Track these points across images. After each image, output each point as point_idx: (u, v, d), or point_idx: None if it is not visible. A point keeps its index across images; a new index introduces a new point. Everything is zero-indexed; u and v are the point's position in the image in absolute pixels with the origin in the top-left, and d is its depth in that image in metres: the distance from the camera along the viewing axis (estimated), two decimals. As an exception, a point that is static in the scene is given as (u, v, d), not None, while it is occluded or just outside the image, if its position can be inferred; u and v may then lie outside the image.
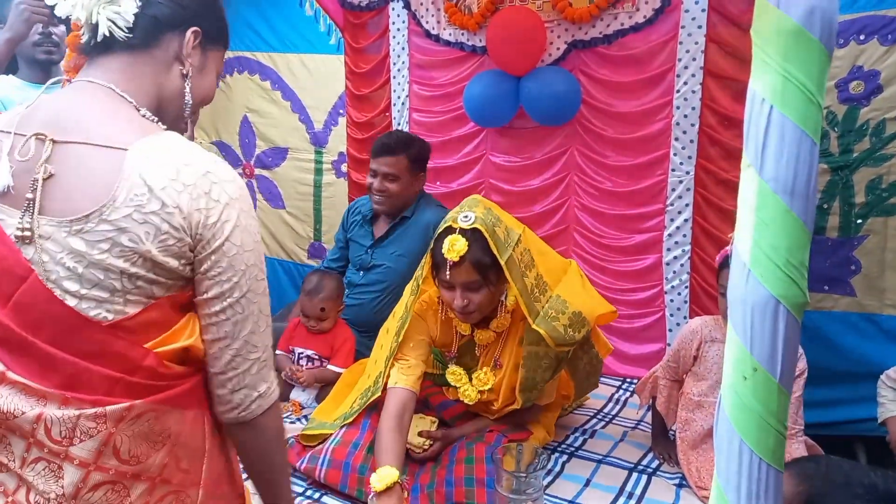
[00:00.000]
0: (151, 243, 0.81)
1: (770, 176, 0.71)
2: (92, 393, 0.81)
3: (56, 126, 0.84)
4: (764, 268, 0.72)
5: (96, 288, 0.81)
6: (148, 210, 0.81)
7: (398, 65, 2.95)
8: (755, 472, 0.74)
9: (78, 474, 0.80)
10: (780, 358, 0.73)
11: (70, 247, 0.80)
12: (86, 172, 0.82)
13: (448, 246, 1.61)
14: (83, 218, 0.80)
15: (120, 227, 0.80)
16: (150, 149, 0.83)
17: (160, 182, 0.81)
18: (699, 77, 2.35)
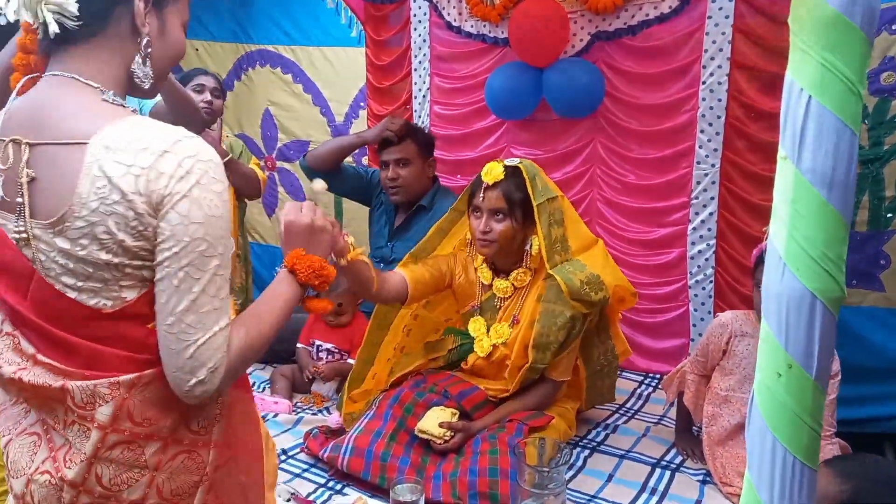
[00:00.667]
0: (123, 232, 0.83)
1: (807, 167, 0.69)
2: (108, 371, 0.89)
3: (30, 128, 0.86)
4: (800, 261, 0.70)
5: (90, 280, 0.85)
6: (111, 201, 0.82)
7: (419, 57, 2.94)
8: (788, 471, 0.73)
9: (98, 435, 0.88)
10: (815, 354, 0.71)
11: (57, 246, 0.85)
12: (58, 172, 0.84)
13: (487, 170, 1.80)
14: (59, 219, 0.83)
15: (91, 222, 0.82)
16: (109, 138, 0.83)
17: (118, 171, 0.82)
18: (726, 68, 2.31)
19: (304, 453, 1.93)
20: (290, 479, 1.80)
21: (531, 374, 1.86)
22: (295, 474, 1.83)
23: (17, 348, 0.90)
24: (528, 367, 1.82)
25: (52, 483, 0.89)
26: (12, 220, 0.87)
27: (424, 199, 2.47)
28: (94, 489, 0.89)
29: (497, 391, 1.93)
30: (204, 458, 0.95)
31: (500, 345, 1.88)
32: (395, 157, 2.40)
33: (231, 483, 0.99)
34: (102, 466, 0.89)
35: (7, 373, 0.90)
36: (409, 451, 1.76)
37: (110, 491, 0.90)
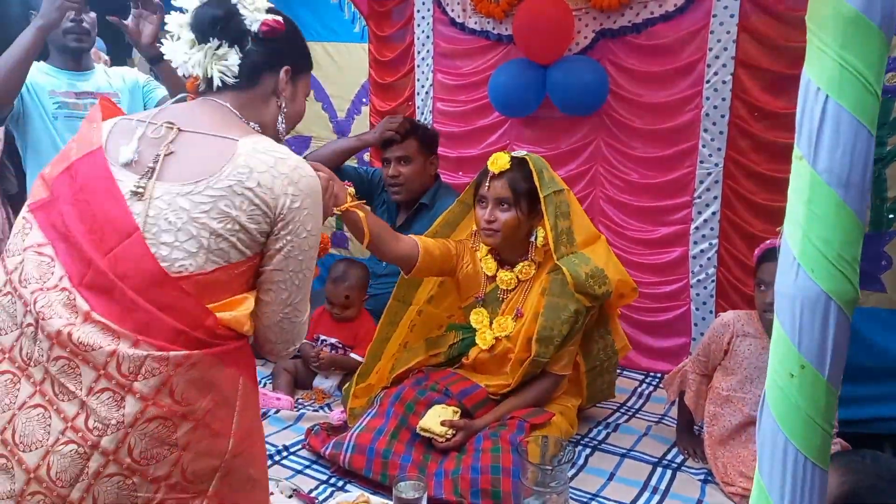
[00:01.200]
0: (243, 212, 1.00)
1: (824, 167, 0.69)
2: (159, 339, 0.95)
3: (182, 121, 1.07)
4: (814, 262, 0.70)
5: (189, 241, 0.99)
6: (246, 185, 1.00)
7: (422, 53, 2.93)
8: (800, 471, 0.73)
9: (138, 406, 0.93)
10: (829, 355, 0.71)
11: (177, 205, 0.99)
12: (202, 153, 1.03)
13: (493, 160, 1.80)
14: (193, 183, 1.00)
15: (221, 195, 0.99)
16: (255, 143, 1.04)
17: (261, 167, 1.01)
18: (730, 67, 2.31)
19: (306, 450, 1.93)
20: (292, 476, 1.79)
21: (533, 368, 1.86)
22: (297, 471, 1.83)
23: (71, 304, 0.96)
24: (530, 360, 1.83)
25: (79, 452, 0.92)
26: (134, 178, 1.01)
27: (426, 197, 2.46)
28: (124, 460, 0.93)
29: (498, 386, 1.93)
30: (225, 444, 1.01)
31: (503, 338, 1.88)
32: (397, 155, 2.40)
33: (242, 474, 1.04)
34: (136, 438, 0.93)
35: (56, 326, 0.94)
36: (410, 449, 1.76)
37: (138, 464, 0.94)
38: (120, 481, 0.93)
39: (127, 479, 0.94)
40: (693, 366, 1.93)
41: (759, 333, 1.81)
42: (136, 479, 0.94)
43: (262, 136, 1.08)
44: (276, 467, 1.83)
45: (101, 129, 1.08)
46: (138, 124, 1.07)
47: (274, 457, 1.88)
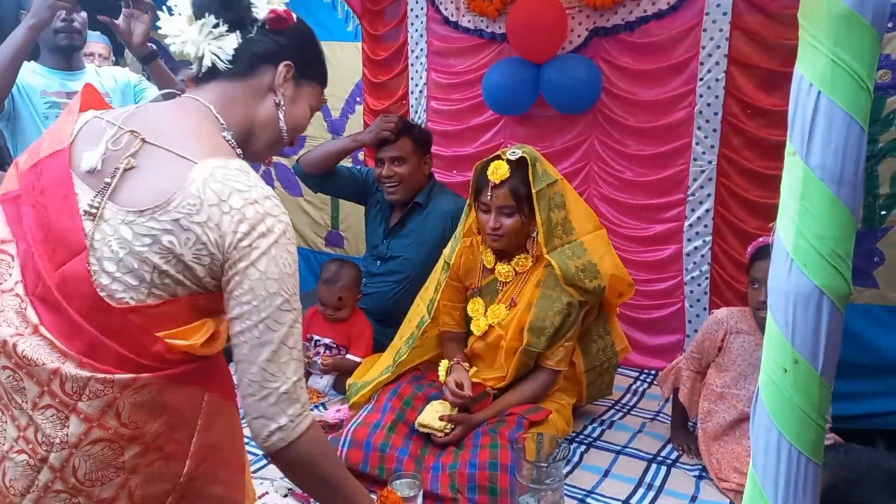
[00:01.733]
0: (188, 249, 0.90)
1: (816, 163, 0.70)
2: (104, 363, 0.90)
3: (151, 129, 0.95)
4: (808, 258, 0.70)
5: (129, 275, 0.90)
6: (194, 220, 0.89)
7: (416, 52, 2.92)
8: (794, 466, 0.73)
9: (82, 427, 0.89)
10: (822, 350, 0.71)
11: (119, 233, 0.90)
12: (158, 174, 0.92)
13: (493, 169, 1.83)
14: (138, 213, 0.90)
15: (165, 229, 0.89)
16: (215, 168, 0.91)
17: (212, 199, 0.89)
18: (723, 65, 2.32)
19: (301, 448, 1.92)
20: (287, 475, 1.79)
21: (526, 359, 1.88)
22: (292, 470, 1.82)
23: (22, 313, 0.91)
24: (522, 349, 1.86)
25: (30, 464, 0.90)
26: (90, 194, 0.92)
27: (420, 197, 2.45)
28: (69, 479, 0.90)
29: (494, 380, 1.95)
30: (180, 467, 0.95)
31: (495, 325, 1.92)
32: (391, 155, 2.38)
33: (205, 495, 0.99)
34: (80, 459, 0.89)
35: (3, 335, 0.90)
36: (408, 443, 1.77)
37: (83, 485, 0.90)
38: (66, 499, 0.90)
39: (73, 499, 0.90)
40: (687, 363, 1.94)
41: (752, 330, 1.81)
42: (81, 500, 0.91)
43: (230, 158, 0.95)
44: (270, 467, 1.83)
45: (74, 125, 0.99)
46: (108, 126, 0.96)
47: (268, 456, 1.87)
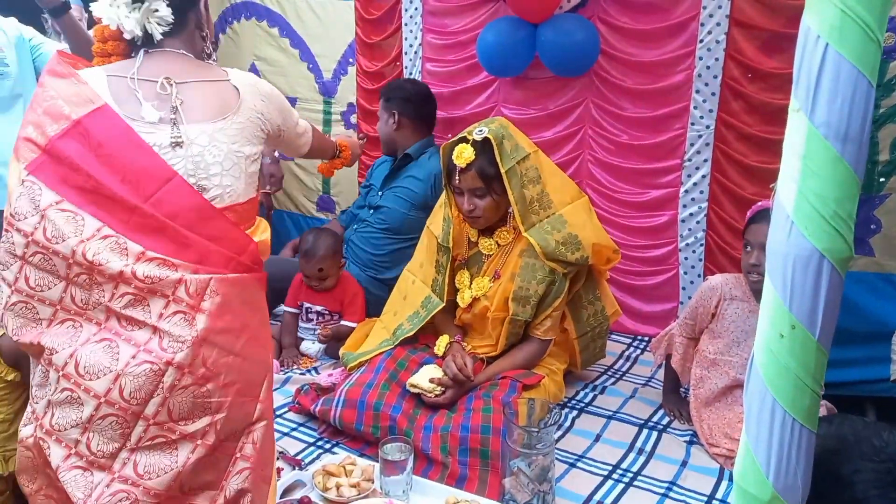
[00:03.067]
0: (262, 130, 1.27)
1: (821, 121, 0.66)
2: (215, 266, 1.11)
3: (173, 73, 1.21)
4: (808, 219, 0.67)
5: (233, 168, 1.19)
6: (259, 110, 1.26)
7: (410, 11, 2.84)
8: (787, 433, 0.72)
9: (208, 322, 1.08)
10: (820, 315, 0.69)
11: (217, 139, 1.18)
12: (207, 96, 1.21)
13: (457, 153, 1.82)
14: (222, 119, 1.20)
15: (245, 125, 1.23)
16: (240, 76, 1.28)
17: (254, 100, 1.26)
18: (724, 26, 2.25)
19: (294, 412, 1.92)
20: (279, 438, 1.79)
21: (514, 328, 1.90)
22: (283, 433, 1.82)
23: (122, 248, 1.07)
24: (509, 319, 1.87)
25: (153, 371, 1.05)
26: (166, 130, 1.15)
27: (411, 150, 2.58)
28: (198, 370, 1.07)
29: (485, 348, 1.95)
30: (268, 357, 1.21)
31: (481, 297, 1.92)
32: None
33: (271, 384, 1.23)
34: (208, 349, 1.08)
35: (116, 267, 1.06)
36: (400, 401, 1.77)
37: (211, 371, 1.08)
38: (195, 390, 1.07)
39: (201, 387, 1.07)
40: (680, 329, 1.93)
41: (746, 297, 1.80)
42: (209, 387, 1.08)
43: (228, 69, 1.29)
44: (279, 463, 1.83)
45: (92, 85, 1.15)
46: (132, 82, 1.19)
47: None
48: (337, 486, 1.52)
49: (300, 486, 1.57)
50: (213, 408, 1.09)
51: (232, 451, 1.13)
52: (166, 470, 1.06)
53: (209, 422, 1.08)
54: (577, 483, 1.63)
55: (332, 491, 1.50)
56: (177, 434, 1.07)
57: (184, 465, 1.07)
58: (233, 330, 1.11)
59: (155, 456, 1.07)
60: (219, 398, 1.09)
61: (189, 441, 1.08)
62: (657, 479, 1.65)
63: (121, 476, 1.05)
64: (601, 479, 1.65)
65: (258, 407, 1.16)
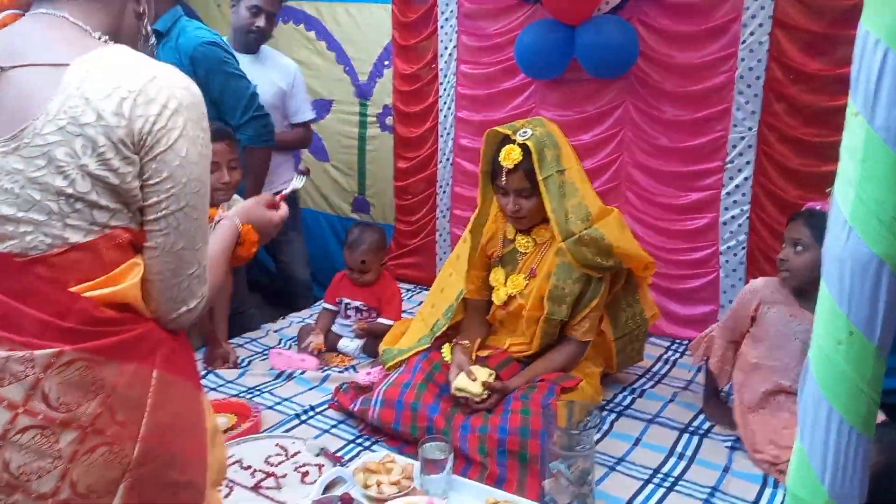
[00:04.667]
0: (89, 157, 0.80)
1: (881, 125, 0.66)
2: (22, 334, 0.80)
3: (6, 54, 0.84)
4: (867, 224, 0.67)
5: (34, 210, 0.80)
6: (83, 122, 0.79)
7: (446, 14, 2.86)
8: (844, 441, 0.71)
9: (6, 416, 0.79)
10: (879, 321, 0.68)
11: (8, 166, 0.80)
12: (26, 92, 0.82)
13: (504, 154, 1.80)
14: (17, 134, 0.80)
15: (55, 140, 0.79)
16: (94, 60, 0.82)
17: (100, 92, 0.80)
18: (767, 27, 2.22)
19: (333, 409, 1.95)
20: (319, 435, 1.82)
21: (549, 328, 1.89)
22: (324, 430, 1.85)
23: None
24: (544, 318, 1.87)
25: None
26: None
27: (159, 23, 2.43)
28: (1, 476, 0.80)
29: (520, 347, 1.95)
30: (129, 452, 0.84)
31: (516, 295, 1.92)
32: None
33: (161, 482, 0.88)
34: (11, 451, 0.80)
35: None
36: (438, 401, 1.78)
37: (17, 480, 0.80)
38: (2, 499, 0.82)
39: (9, 497, 0.81)
40: (720, 331, 1.91)
41: (788, 301, 1.78)
42: (18, 497, 0.81)
43: (105, 47, 0.86)
44: (302, 427, 1.86)
45: None
46: None
47: (301, 416, 1.91)
48: (377, 483, 1.54)
49: (341, 482, 1.59)
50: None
51: None
52: None
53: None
54: (617, 486, 1.62)
55: (373, 488, 1.52)
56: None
57: None
58: (48, 426, 0.80)
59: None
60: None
61: None
62: (699, 484, 1.63)
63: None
64: (641, 482, 1.64)
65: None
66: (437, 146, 3.01)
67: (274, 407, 1.96)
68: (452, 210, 2.99)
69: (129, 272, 0.86)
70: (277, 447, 1.73)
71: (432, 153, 3.02)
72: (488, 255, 2.03)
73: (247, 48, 2.62)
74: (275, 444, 1.74)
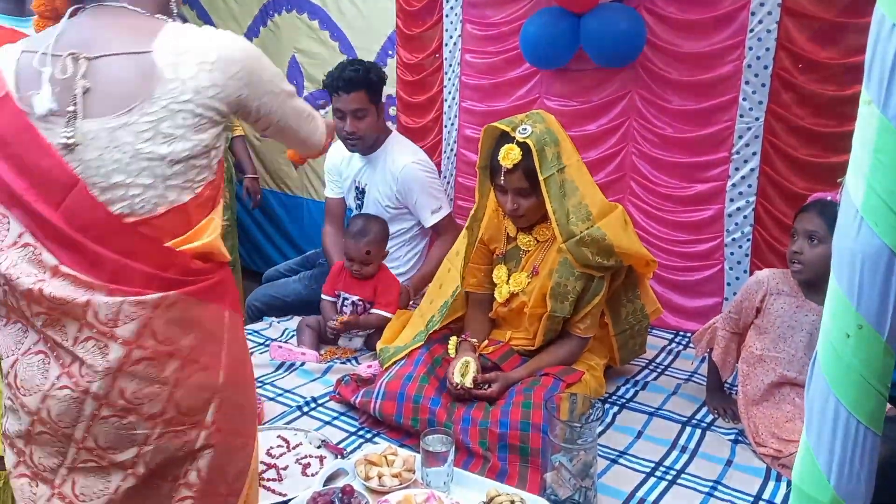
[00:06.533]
0: (189, 126, 0.96)
1: (895, 114, 0.64)
2: (132, 285, 0.95)
3: (86, 45, 0.96)
4: (879, 215, 0.65)
5: (143, 174, 0.95)
6: (182, 99, 0.95)
7: (451, 3, 2.83)
8: (851, 436, 0.70)
9: (122, 351, 0.95)
10: (889, 315, 0.67)
11: (117, 140, 0.94)
12: (120, 77, 0.95)
13: (504, 154, 1.77)
14: (124, 114, 0.94)
15: (160, 117, 0.94)
16: (172, 45, 0.97)
17: (189, 72, 0.96)
18: (776, 15, 2.19)
19: (335, 401, 1.95)
20: (321, 427, 1.82)
21: (552, 324, 1.88)
22: (325, 422, 1.85)
23: (37, 260, 0.95)
24: (547, 315, 1.86)
25: (73, 397, 0.95)
26: (61, 125, 0.94)
27: None
28: (117, 402, 0.96)
29: (522, 342, 1.95)
30: (216, 377, 1.03)
31: (519, 292, 1.91)
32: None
33: (235, 402, 1.06)
34: (126, 380, 0.95)
35: (25, 284, 0.94)
36: (439, 394, 1.78)
37: (132, 404, 0.97)
38: (116, 422, 0.97)
39: (122, 420, 0.97)
40: (724, 322, 1.90)
41: (794, 292, 1.76)
42: (132, 419, 0.97)
43: (175, 28, 0.99)
44: (304, 419, 1.86)
45: (2, 69, 0.99)
46: (42, 60, 0.96)
47: (302, 408, 1.90)
48: (379, 475, 1.53)
49: (342, 474, 1.59)
50: (138, 440, 0.98)
51: (175, 478, 1.03)
52: (99, 495, 1.00)
53: (136, 453, 0.99)
54: (619, 479, 1.61)
55: (374, 480, 1.52)
56: (106, 461, 0.99)
57: (115, 492, 1.00)
58: (156, 357, 0.97)
59: (90, 478, 1.00)
60: (144, 430, 0.98)
61: (119, 469, 1.00)
62: (701, 477, 1.62)
63: (60, 493, 1.00)
64: (644, 475, 1.63)
65: (201, 434, 1.02)
66: (441, 136, 2.99)
67: (275, 399, 1.95)
68: (456, 200, 2.97)
69: (207, 227, 1.03)
70: (279, 439, 1.72)
71: (436, 143, 3.00)
72: (491, 251, 2.01)
73: (360, 152, 2.53)
74: (276, 435, 1.74)
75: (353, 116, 2.39)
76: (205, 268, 1.02)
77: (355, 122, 2.40)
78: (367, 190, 2.53)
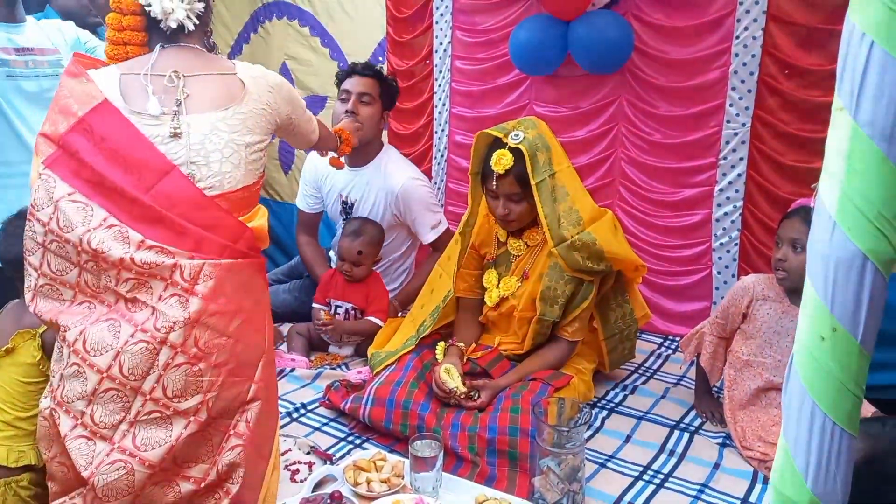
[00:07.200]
0: (261, 127, 1.34)
1: (866, 120, 0.65)
2: (209, 254, 1.19)
3: (182, 67, 1.31)
4: (852, 220, 0.66)
5: (232, 156, 1.27)
6: (266, 101, 1.36)
7: (441, 9, 2.85)
8: (827, 437, 0.71)
9: (200, 304, 1.16)
10: (863, 318, 0.68)
11: (216, 129, 1.27)
12: (213, 87, 1.31)
13: (496, 159, 1.80)
14: (224, 109, 1.30)
15: (247, 116, 1.32)
16: (248, 72, 1.38)
17: (263, 89, 1.37)
18: (761, 22, 2.21)
19: (325, 407, 1.94)
20: (310, 433, 1.81)
21: (541, 328, 1.89)
22: (315, 428, 1.85)
23: (124, 237, 1.16)
24: (536, 319, 1.87)
25: (148, 349, 1.13)
26: (167, 121, 1.24)
27: None
28: (190, 350, 1.15)
29: (511, 346, 1.96)
30: (263, 339, 1.27)
31: (508, 296, 1.92)
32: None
33: (273, 366, 1.31)
34: (200, 330, 1.16)
35: (117, 254, 1.15)
36: (429, 399, 1.78)
37: (203, 352, 1.16)
38: (187, 368, 1.15)
39: (193, 367, 1.15)
40: (711, 327, 1.91)
41: (779, 297, 1.77)
42: (201, 366, 1.16)
43: (236, 62, 1.39)
44: (293, 425, 1.85)
45: (97, 83, 1.25)
46: (144, 78, 1.28)
47: (292, 414, 1.90)
48: (367, 481, 1.53)
49: (331, 480, 1.59)
50: (204, 387, 1.16)
51: (226, 429, 1.20)
52: (161, 443, 1.14)
53: (201, 400, 1.16)
54: (607, 483, 1.62)
55: (363, 486, 1.52)
56: (171, 410, 1.15)
57: (177, 440, 1.15)
58: (226, 313, 1.18)
59: (151, 430, 1.14)
60: (210, 377, 1.16)
61: (182, 417, 1.15)
62: (689, 480, 1.63)
63: (120, 447, 1.13)
64: (632, 479, 1.64)
65: (252, 388, 1.22)
66: (431, 142, 3.00)
67: (265, 404, 1.95)
68: (446, 206, 2.98)
69: (259, 210, 1.35)
70: (268, 444, 1.73)
71: (427, 149, 3.01)
72: (482, 256, 2.02)
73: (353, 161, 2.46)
74: (265, 440, 1.74)
75: (358, 99, 2.38)
76: (257, 248, 1.29)
77: (357, 104, 2.37)
78: (358, 204, 2.49)
